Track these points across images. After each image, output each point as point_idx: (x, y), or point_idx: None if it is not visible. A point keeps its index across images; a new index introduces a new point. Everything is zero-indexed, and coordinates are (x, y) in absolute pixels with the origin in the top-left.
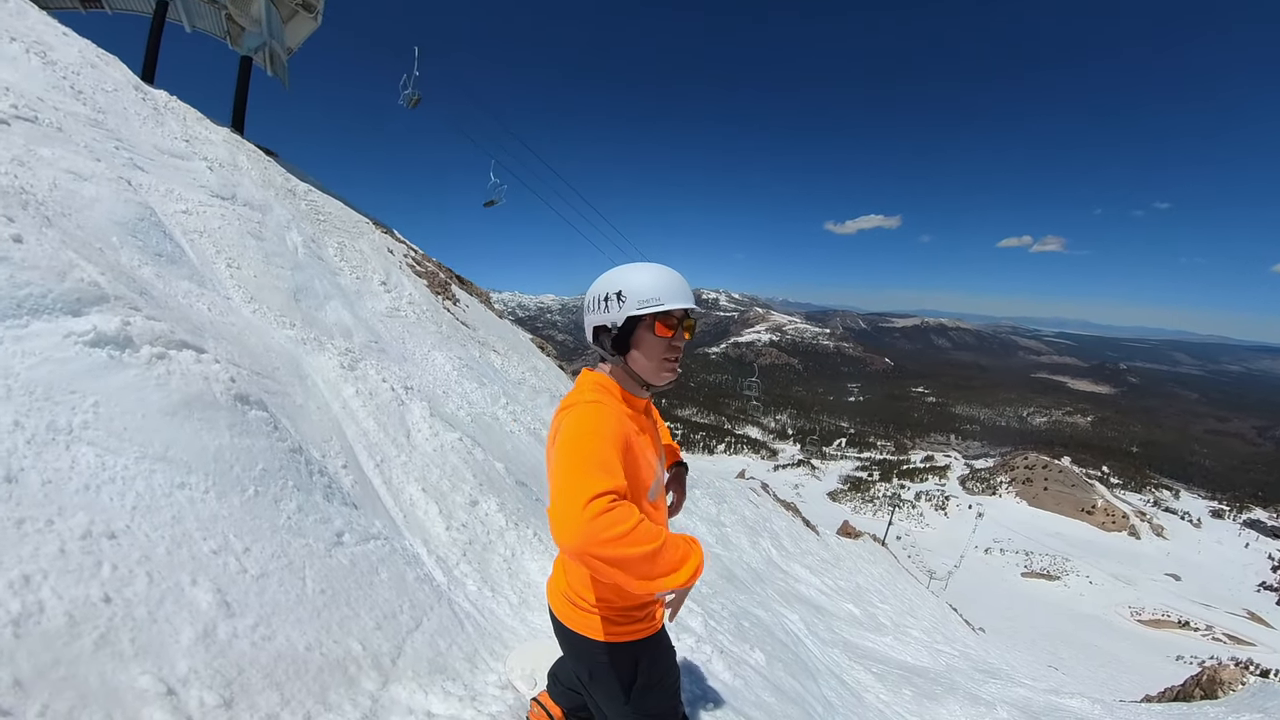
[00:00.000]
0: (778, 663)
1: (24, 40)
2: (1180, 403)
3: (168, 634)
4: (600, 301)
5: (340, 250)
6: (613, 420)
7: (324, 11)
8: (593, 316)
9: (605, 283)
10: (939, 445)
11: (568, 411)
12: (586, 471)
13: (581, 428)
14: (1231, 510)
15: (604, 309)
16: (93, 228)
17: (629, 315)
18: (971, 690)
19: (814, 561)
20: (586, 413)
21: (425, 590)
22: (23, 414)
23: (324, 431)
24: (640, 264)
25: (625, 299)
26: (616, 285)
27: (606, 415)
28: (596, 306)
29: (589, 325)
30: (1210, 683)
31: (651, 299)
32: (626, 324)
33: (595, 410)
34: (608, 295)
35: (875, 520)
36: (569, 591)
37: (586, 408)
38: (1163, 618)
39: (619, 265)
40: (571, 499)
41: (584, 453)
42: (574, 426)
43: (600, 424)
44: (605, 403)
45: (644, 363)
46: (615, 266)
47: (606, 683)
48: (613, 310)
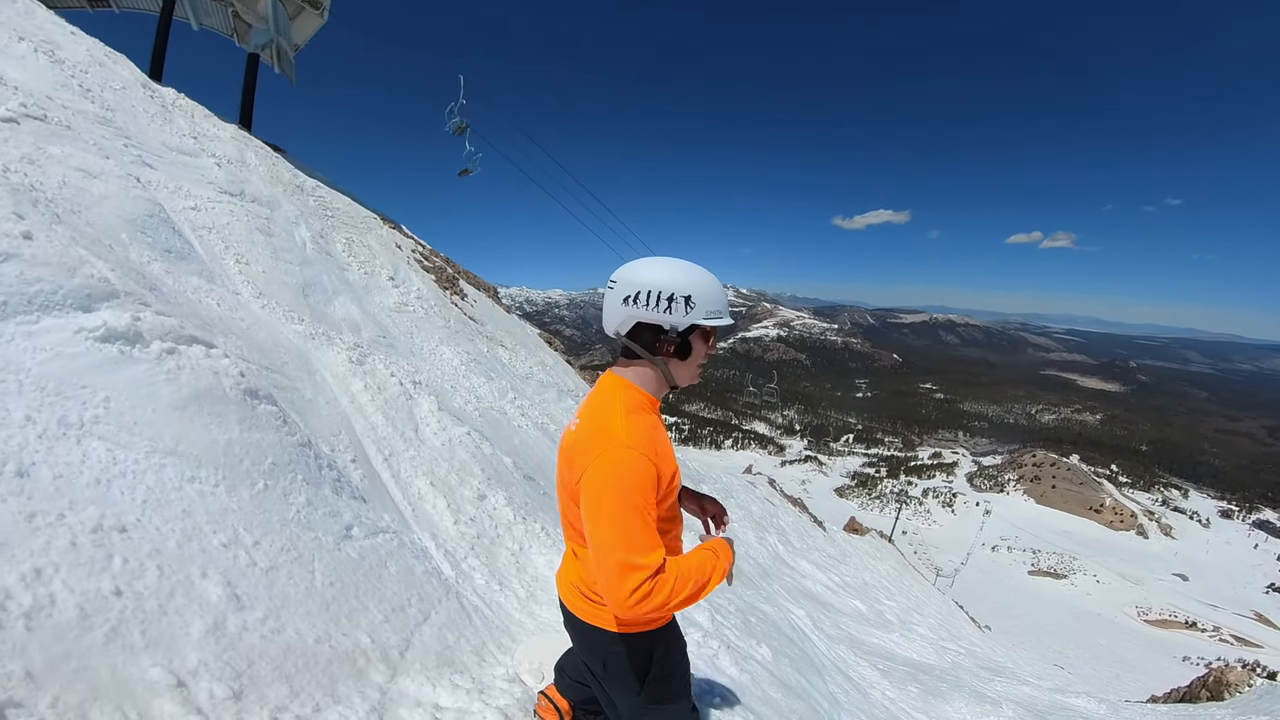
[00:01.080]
0: (784, 658)
1: (32, 39)
2: (1190, 401)
3: (178, 626)
4: (662, 300)
5: (348, 246)
6: (646, 463)
7: (330, 8)
8: (644, 312)
9: (672, 279)
10: (947, 442)
11: (601, 459)
12: (626, 554)
13: (616, 492)
14: (1241, 511)
15: (665, 310)
16: (102, 224)
17: (694, 323)
18: (977, 688)
19: (821, 558)
20: (620, 470)
21: (433, 584)
22: (34, 409)
23: (333, 426)
24: (691, 265)
25: (694, 305)
26: (687, 287)
27: (640, 463)
28: (654, 304)
29: (631, 319)
30: (1217, 684)
31: (716, 311)
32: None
33: (629, 462)
34: (674, 296)
35: (882, 517)
36: (580, 584)
37: (621, 457)
38: (1170, 618)
39: (662, 258)
40: (614, 586)
41: (621, 528)
42: (609, 490)
43: (632, 483)
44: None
45: (684, 369)
46: (660, 258)
47: (621, 674)
48: (677, 314)
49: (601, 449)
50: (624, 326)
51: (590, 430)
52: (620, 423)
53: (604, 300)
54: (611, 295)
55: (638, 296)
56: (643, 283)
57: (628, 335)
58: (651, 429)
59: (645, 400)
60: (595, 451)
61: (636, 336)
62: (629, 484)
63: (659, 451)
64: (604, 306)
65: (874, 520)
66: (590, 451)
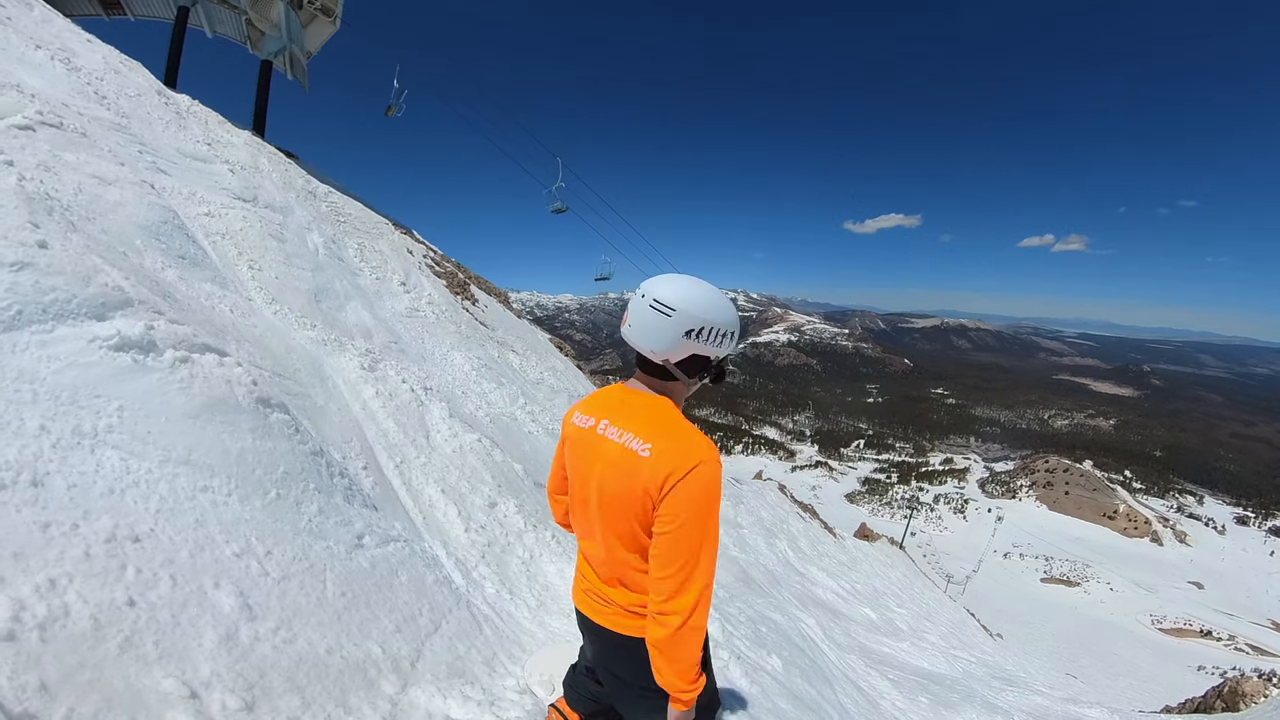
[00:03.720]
0: (794, 669)
1: (49, 47)
2: (1205, 406)
3: (191, 637)
4: (717, 335)
5: (360, 251)
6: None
7: (342, 15)
8: (703, 346)
9: (724, 313)
10: (958, 447)
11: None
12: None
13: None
14: (1257, 517)
15: (717, 342)
16: (117, 232)
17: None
18: (988, 698)
19: (831, 564)
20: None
21: (444, 593)
22: (49, 418)
23: (344, 433)
24: (719, 292)
25: (734, 339)
26: (733, 323)
27: (720, 478)
28: (710, 338)
29: (689, 350)
30: (1232, 694)
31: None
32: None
33: (719, 475)
34: (729, 333)
35: (893, 523)
36: (629, 605)
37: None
38: (1184, 626)
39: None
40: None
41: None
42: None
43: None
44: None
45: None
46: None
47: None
48: (724, 347)
49: (697, 459)
50: (679, 355)
51: (675, 444)
52: (700, 437)
53: (644, 321)
54: (667, 323)
55: (702, 332)
56: (707, 319)
57: (676, 364)
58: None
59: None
60: (691, 462)
61: (686, 363)
62: (718, 498)
63: None
64: (645, 328)
65: (885, 526)
66: (684, 461)
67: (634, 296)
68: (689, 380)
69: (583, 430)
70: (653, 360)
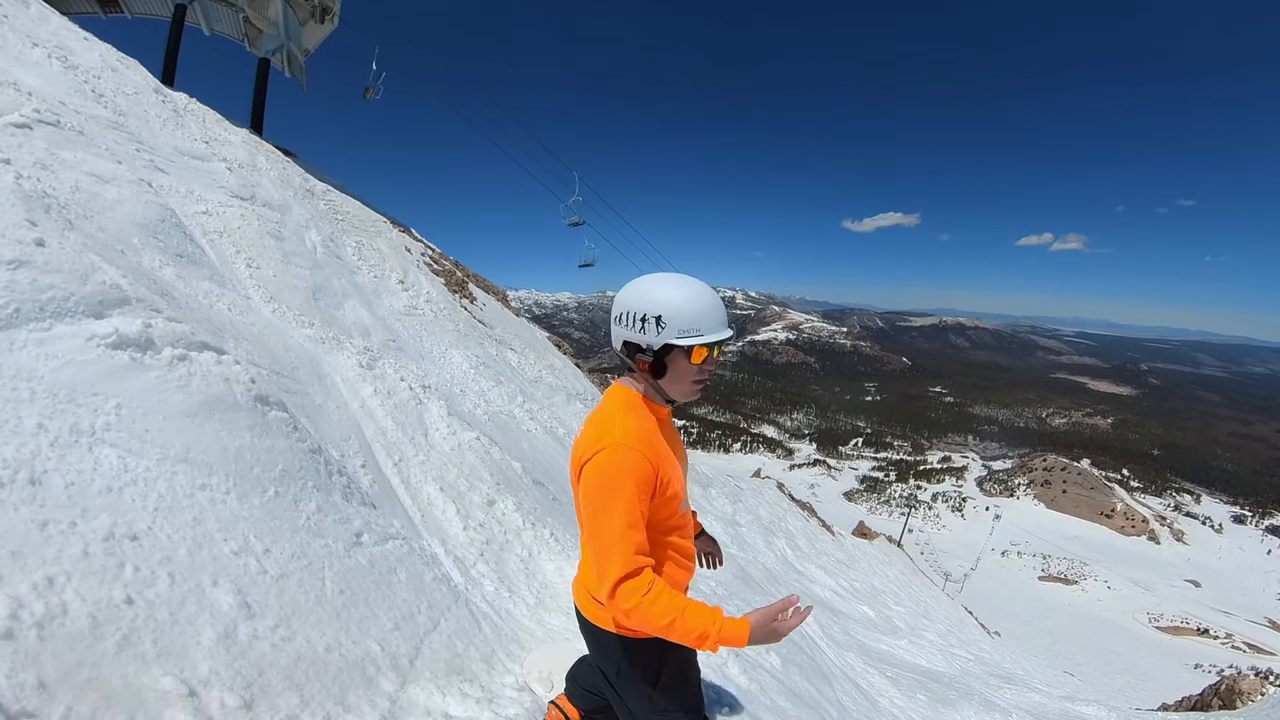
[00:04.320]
0: (793, 666)
1: (46, 45)
2: (1203, 405)
3: (189, 635)
4: (635, 320)
5: (358, 249)
6: (637, 459)
7: (340, 13)
8: (624, 331)
9: (642, 299)
10: (956, 446)
11: (598, 456)
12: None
13: (609, 487)
14: (1254, 516)
15: (639, 329)
16: (114, 230)
17: (667, 343)
18: (986, 696)
19: (829, 562)
20: (614, 465)
21: (443, 591)
22: (46, 416)
23: (343, 431)
24: (676, 278)
25: (665, 325)
26: (656, 307)
27: (631, 461)
28: (630, 323)
29: (618, 337)
30: (1229, 692)
31: (691, 329)
32: (661, 348)
33: (620, 459)
34: (645, 316)
35: (891, 521)
36: (593, 589)
37: (611, 454)
38: (1181, 625)
39: (651, 275)
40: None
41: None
42: (599, 486)
43: (625, 478)
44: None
45: (674, 385)
46: (648, 275)
47: (634, 680)
48: (649, 333)
49: (599, 446)
50: (617, 343)
51: (589, 432)
52: (618, 422)
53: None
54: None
55: (621, 316)
56: (624, 302)
57: (622, 352)
58: (650, 431)
59: (646, 404)
60: (593, 449)
61: (628, 353)
62: (622, 480)
63: (657, 451)
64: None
65: (883, 525)
66: (589, 449)
67: None
68: (633, 372)
69: None
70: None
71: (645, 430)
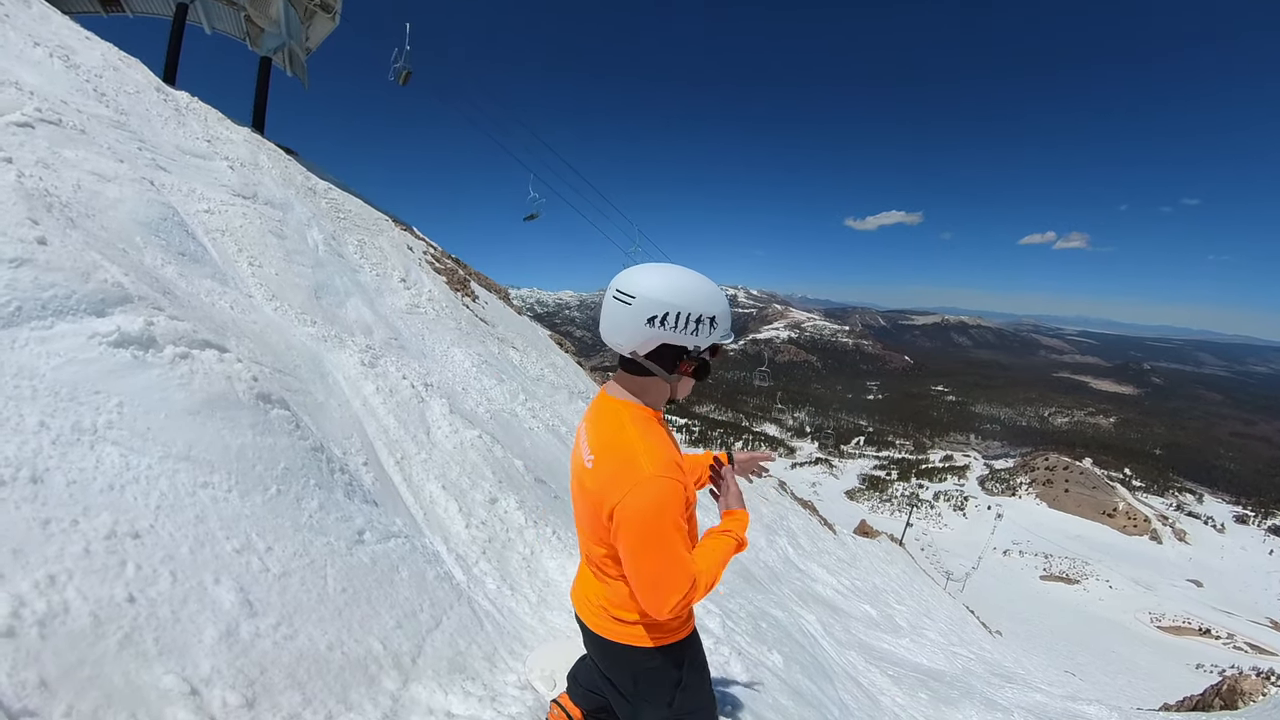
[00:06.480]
0: (795, 664)
1: (47, 45)
2: (1205, 404)
3: (191, 633)
4: (689, 321)
5: (360, 247)
6: (673, 488)
7: (342, 11)
8: (667, 333)
9: (695, 298)
10: (958, 445)
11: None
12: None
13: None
14: (1256, 516)
15: (692, 331)
16: (116, 228)
17: (714, 343)
18: (988, 695)
19: (831, 561)
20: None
21: (445, 589)
22: (48, 415)
23: (345, 429)
24: (700, 277)
25: (717, 326)
26: (710, 307)
27: (669, 492)
28: (683, 324)
29: (656, 340)
30: (1230, 692)
31: (728, 330)
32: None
33: (658, 494)
34: (700, 317)
35: (893, 520)
36: (609, 607)
37: (648, 491)
38: (1183, 624)
39: (664, 268)
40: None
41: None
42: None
43: (668, 511)
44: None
45: (688, 384)
46: (661, 269)
47: (654, 688)
48: (702, 335)
49: (633, 482)
50: (646, 347)
51: (613, 465)
52: (641, 451)
53: (609, 313)
54: (627, 312)
55: (665, 318)
56: (671, 303)
57: (648, 357)
58: (668, 446)
59: (652, 415)
60: (626, 486)
61: (657, 356)
62: (665, 513)
63: (681, 468)
64: (611, 321)
65: (885, 523)
66: (620, 486)
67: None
68: (669, 376)
69: (580, 425)
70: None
71: (665, 447)
